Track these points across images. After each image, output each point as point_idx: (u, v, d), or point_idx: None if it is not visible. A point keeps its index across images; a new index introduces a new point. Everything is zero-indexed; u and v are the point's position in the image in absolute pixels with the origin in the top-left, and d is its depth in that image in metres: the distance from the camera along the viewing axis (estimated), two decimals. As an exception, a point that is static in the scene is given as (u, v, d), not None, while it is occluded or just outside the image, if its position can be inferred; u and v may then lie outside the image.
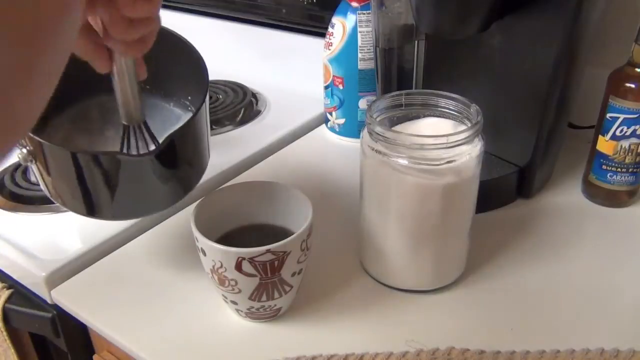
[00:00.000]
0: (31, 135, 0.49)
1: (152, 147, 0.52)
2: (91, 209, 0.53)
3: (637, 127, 0.62)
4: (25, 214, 0.70)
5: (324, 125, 0.89)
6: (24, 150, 0.51)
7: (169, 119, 0.62)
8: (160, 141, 0.50)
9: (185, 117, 0.61)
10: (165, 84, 0.61)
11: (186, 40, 0.58)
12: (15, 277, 0.64)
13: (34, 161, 0.51)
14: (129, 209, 0.56)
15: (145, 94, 0.55)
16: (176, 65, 0.58)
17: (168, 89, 0.61)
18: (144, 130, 0.52)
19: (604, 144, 0.65)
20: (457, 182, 0.51)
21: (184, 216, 0.69)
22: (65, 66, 0.25)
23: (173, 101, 0.62)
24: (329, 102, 0.85)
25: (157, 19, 0.44)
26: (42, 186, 0.54)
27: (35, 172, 0.53)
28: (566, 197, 0.70)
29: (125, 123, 0.52)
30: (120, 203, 0.53)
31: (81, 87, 0.55)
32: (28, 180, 0.75)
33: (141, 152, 0.52)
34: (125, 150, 0.52)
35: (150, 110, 0.58)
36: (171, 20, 0.59)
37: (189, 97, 0.62)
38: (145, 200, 0.54)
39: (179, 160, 0.53)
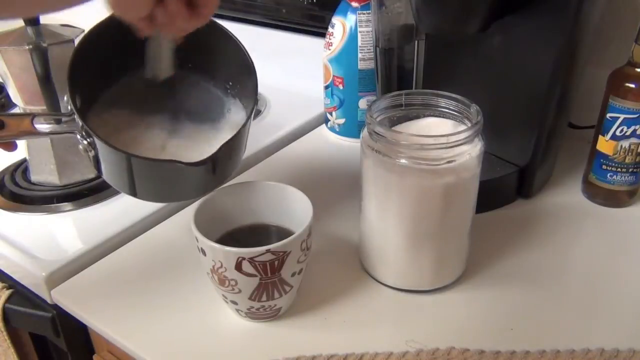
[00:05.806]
0: (90, 131, 0.54)
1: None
2: (134, 194, 0.58)
3: (637, 127, 0.62)
4: (25, 214, 0.70)
5: (324, 125, 0.89)
6: (85, 142, 0.56)
7: (210, 99, 0.64)
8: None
9: (227, 100, 0.64)
10: (206, 64, 0.63)
11: (230, 31, 0.61)
12: (15, 277, 0.64)
13: (92, 151, 0.56)
14: (167, 196, 0.63)
15: (186, 71, 0.61)
16: (220, 51, 0.61)
17: (209, 69, 0.64)
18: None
19: (604, 144, 0.65)
20: (457, 182, 0.51)
21: (184, 216, 0.69)
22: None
23: (214, 81, 0.65)
24: (329, 102, 0.85)
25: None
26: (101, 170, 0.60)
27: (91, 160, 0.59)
28: (566, 197, 0.70)
29: (149, 77, 0.58)
30: (160, 192, 0.60)
31: (125, 63, 0.59)
32: (28, 180, 0.75)
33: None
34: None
35: (191, 88, 0.64)
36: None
37: (230, 83, 0.64)
38: (184, 190, 0.59)
39: (223, 162, 0.57)
